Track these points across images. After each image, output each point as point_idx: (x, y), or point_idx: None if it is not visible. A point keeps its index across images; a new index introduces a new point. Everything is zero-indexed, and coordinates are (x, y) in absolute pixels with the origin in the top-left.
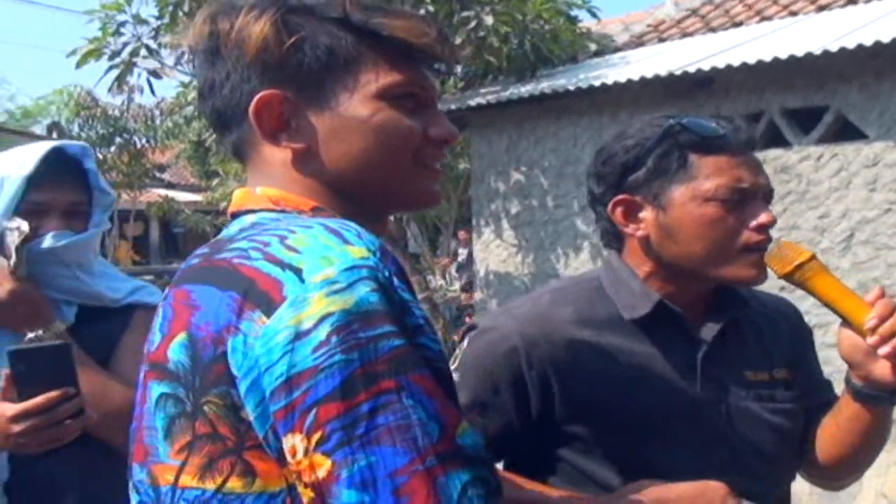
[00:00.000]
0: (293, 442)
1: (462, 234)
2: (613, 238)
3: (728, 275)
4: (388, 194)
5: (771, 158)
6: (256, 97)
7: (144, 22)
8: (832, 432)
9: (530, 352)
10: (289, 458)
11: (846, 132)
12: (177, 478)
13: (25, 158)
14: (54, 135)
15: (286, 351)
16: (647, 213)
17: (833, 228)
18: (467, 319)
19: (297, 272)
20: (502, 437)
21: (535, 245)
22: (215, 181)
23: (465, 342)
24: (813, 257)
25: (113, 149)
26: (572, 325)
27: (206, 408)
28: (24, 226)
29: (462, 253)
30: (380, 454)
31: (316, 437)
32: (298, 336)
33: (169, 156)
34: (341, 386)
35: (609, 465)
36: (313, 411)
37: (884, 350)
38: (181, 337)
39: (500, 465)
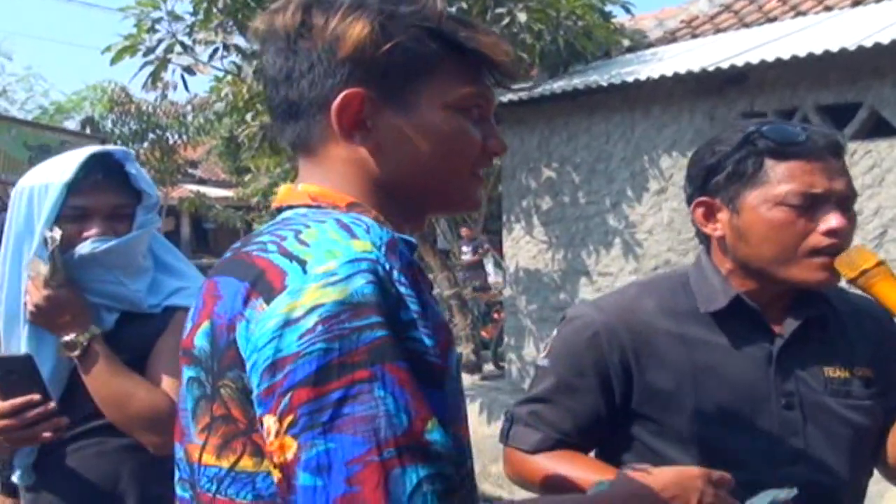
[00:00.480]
0: (269, 423)
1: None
2: (702, 237)
3: (796, 276)
4: (440, 198)
5: None
6: (342, 94)
7: (179, 18)
8: None
9: (611, 339)
10: (266, 438)
11: (880, 128)
12: (200, 455)
13: (67, 165)
14: (87, 130)
15: (274, 336)
16: (723, 215)
17: (866, 225)
18: (496, 316)
19: (303, 264)
20: (590, 420)
21: (566, 242)
22: (247, 177)
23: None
24: (880, 263)
25: (146, 145)
26: (653, 316)
27: (221, 391)
28: (57, 234)
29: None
30: (339, 441)
31: (287, 420)
32: (288, 323)
33: (200, 152)
34: (316, 372)
35: (682, 448)
36: (288, 395)
37: None
38: (205, 325)
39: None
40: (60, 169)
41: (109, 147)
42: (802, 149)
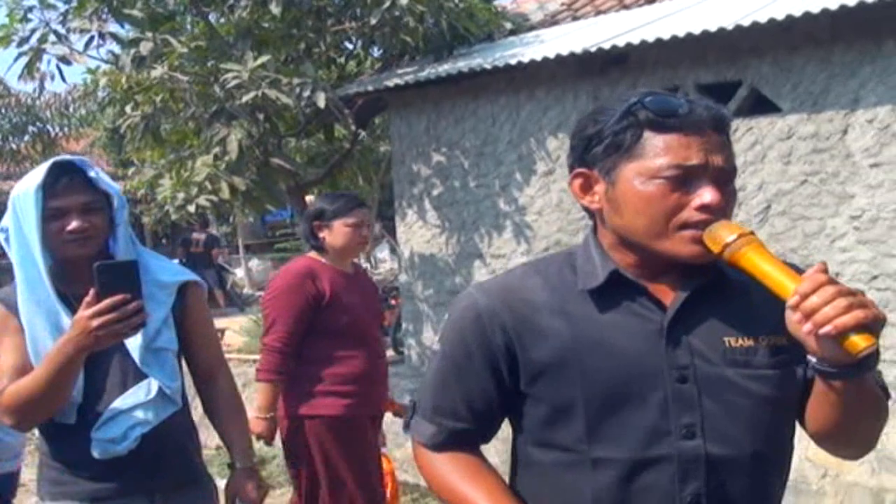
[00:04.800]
0: None
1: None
2: (590, 212)
3: (668, 250)
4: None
5: None
6: None
7: (52, 6)
8: (813, 405)
9: (492, 319)
10: None
11: (760, 106)
12: None
13: (37, 174)
14: None
15: None
16: (600, 187)
17: (750, 201)
18: (393, 302)
19: None
20: (483, 402)
21: (458, 226)
22: (131, 170)
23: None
24: (742, 235)
25: (27, 138)
26: (537, 294)
27: None
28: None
29: None
30: None
31: None
32: None
33: (84, 144)
34: None
35: (571, 429)
36: None
37: (806, 327)
38: None
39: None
40: (33, 178)
41: (68, 156)
42: (682, 121)
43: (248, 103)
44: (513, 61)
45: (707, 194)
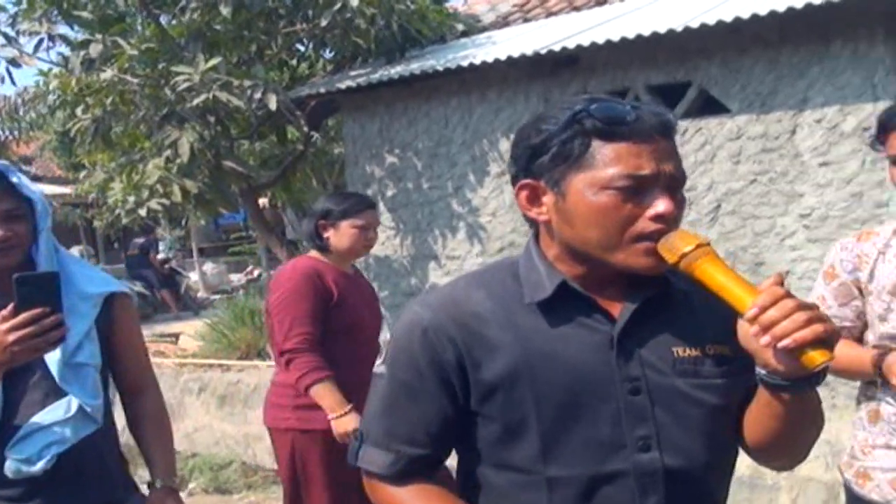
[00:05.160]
0: None
1: None
2: (531, 221)
3: (622, 262)
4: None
5: None
6: None
7: (1, 9)
8: (753, 416)
9: (440, 335)
10: None
11: (709, 106)
12: None
13: None
14: None
15: None
16: (548, 198)
17: (700, 200)
18: None
19: None
20: (439, 424)
21: (413, 227)
22: (82, 173)
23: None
24: (699, 246)
25: None
26: (483, 307)
27: None
28: None
29: None
30: None
31: None
32: None
33: (34, 147)
34: None
35: (525, 447)
36: None
37: (764, 340)
38: None
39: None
40: None
41: None
42: (630, 129)
43: (199, 106)
44: (465, 63)
45: (661, 204)
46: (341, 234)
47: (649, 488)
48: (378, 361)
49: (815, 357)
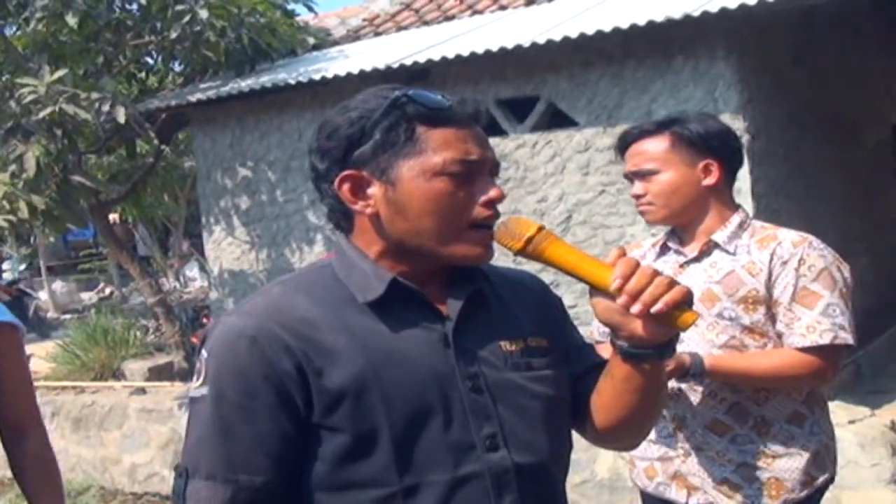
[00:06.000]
0: None
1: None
2: (342, 217)
3: (457, 252)
4: None
5: None
6: None
7: None
8: (609, 395)
9: (272, 342)
10: None
11: (558, 120)
12: None
13: None
14: None
15: None
16: (375, 189)
17: (552, 211)
18: (205, 321)
19: None
20: (280, 445)
21: (268, 241)
22: None
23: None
24: (541, 229)
25: None
26: (310, 312)
27: None
28: None
29: None
30: None
31: None
32: None
33: None
34: None
35: (375, 459)
36: None
37: (635, 308)
38: None
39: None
40: None
41: None
42: (452, 114)
43: (45, 119)
44: (317, 76)
45: (492, 189)
46: None
47: (504, 488)
48: (194, 384)
49: (688, 316)
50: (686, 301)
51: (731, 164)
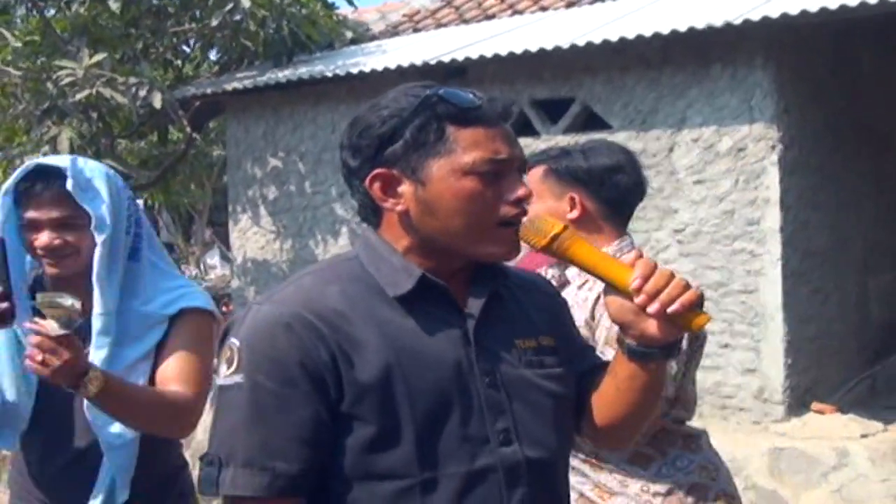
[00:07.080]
0: None
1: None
2: (371, 213)
3: (484, 250)
4: None
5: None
6: None
7: None
8: (611, 394)
9: (307, 329)
10: None
11: (591, 122)
12: None
13: (12, 177)
14: None
15: None
16: (405, 188)
17: None
18: (224, 309)
19: None
20: (317, 432)
21: (294, 231)
22: None
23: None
24: (566, 227)
25: None
26: (341, 304)
27: None
28: (77, 304)
29: None
30: None
31: None
32: None
33: None
34: None
35: (397, 451)
36: None
37: (653, 308)
38: None
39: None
40: (7, 183)
41: (46, 159)
42: (482, 114)
43: (81, 101)
44: (354, 70)
45: (520, 188)
46: None
47: (515, 481)
48: (223, 372)
49: (701, 319)
50: (699, 303)
51: (600, 195)
